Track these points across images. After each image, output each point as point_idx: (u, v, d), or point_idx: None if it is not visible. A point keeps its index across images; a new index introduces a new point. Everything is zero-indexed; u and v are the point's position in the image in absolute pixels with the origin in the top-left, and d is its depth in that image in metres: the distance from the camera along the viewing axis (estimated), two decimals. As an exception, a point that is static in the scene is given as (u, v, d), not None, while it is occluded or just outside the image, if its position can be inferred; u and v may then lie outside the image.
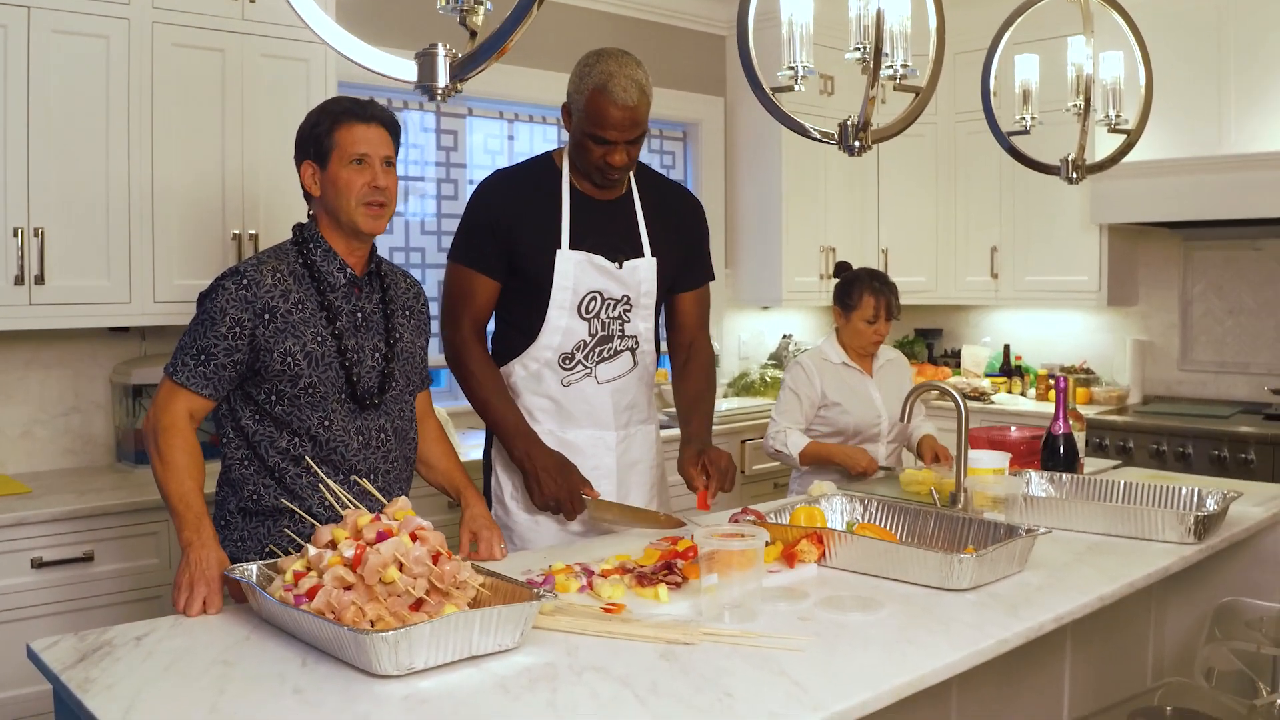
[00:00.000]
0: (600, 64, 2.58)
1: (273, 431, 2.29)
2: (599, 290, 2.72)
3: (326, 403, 2.29)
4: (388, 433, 2.39)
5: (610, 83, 2.55)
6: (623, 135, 2.59)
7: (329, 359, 2.29)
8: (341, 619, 1.76)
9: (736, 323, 5.78)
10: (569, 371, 2.74)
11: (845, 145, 2.22)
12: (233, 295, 2.23)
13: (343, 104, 2.32)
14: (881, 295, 3.63)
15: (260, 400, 2.28)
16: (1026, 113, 2.93)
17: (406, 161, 4.52)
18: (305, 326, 2.27)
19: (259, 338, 2.23)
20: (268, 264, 2.29)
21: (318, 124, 2.30)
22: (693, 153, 5.61)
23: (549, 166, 2.78)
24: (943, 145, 5.74)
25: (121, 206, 3.36)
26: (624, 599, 2.06)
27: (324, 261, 2.33)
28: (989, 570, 2.12)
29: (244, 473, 2.32)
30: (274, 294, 2.25)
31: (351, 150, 2.27)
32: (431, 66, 1.59)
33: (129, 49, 3.34)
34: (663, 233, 2.82)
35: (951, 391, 2.70)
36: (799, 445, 3.54)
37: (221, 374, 2.23)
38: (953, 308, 6.09)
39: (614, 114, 2.56)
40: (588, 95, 2.58)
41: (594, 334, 2.73)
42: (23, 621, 2.95)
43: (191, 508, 2.14)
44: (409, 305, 2.48)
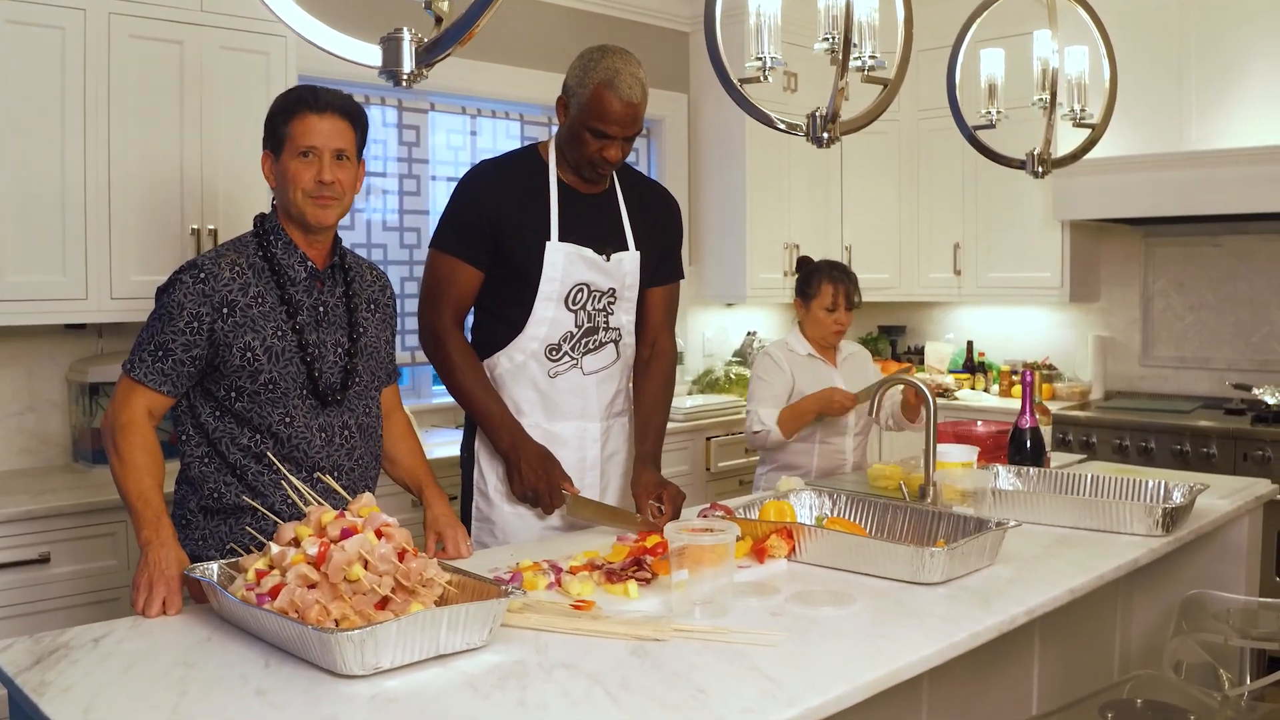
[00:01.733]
0: (606, 59, 2.60)
1: (233, 428, 2.25)
2: (586, 282, 2.72)
3: (288, 399, 2.25)
4: (352, 429, 2.35)
5: (616, 79, 2.57)
6: (623, 131, 2.61)
7: (290, 354, 2.25)
8: (305, 618, 1.72)
9: (701, 320, 5.77)
10: (555, 363, 2.73)
11: (814, 137, 2.21)
12: (190, 289, 2.18)
13: (300, 92, 2.28)
14: (840, 283, 3.62)
15: (220, 397, 2.24)
16: (992, 107, 2.93)
17: (369, 157, 4.46)
18: (265, 321, 2.23)
19: (218, 332, 2.19)
20: (226, 257, 2.24)
21: (277, 114, 2.26)
22: (657, 149, 5.59)
23: (535, 159, 2.78)
24: (906, 142, 5.76)
25: (77, 201, 3.29)
26: (593, 596, 2.04)
27: (284, 254, 2.29)
28: (960, 564, 2.12)
29: (204, 470, 2.27)
30: (232, 287, 2.21)
31: (301, 142, 2.22)
32: (397, 51, 1.56)
33: (85, 41, 3.27)
34: (644, 227, 2.84)
35: (919, 386, 2.70)
36: (773, 417, 3.51)
37: (180, 370, 2.19)
38: (916, 304, 6.11)
39: (618, 109, 2.58)
40: (592, 89, 2.58)
41: (580, 325, 2.73)
42: None
43: (150, 506, 2.10)
44: (374, 298, 2.44)
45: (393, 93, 4.50)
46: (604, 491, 2.85)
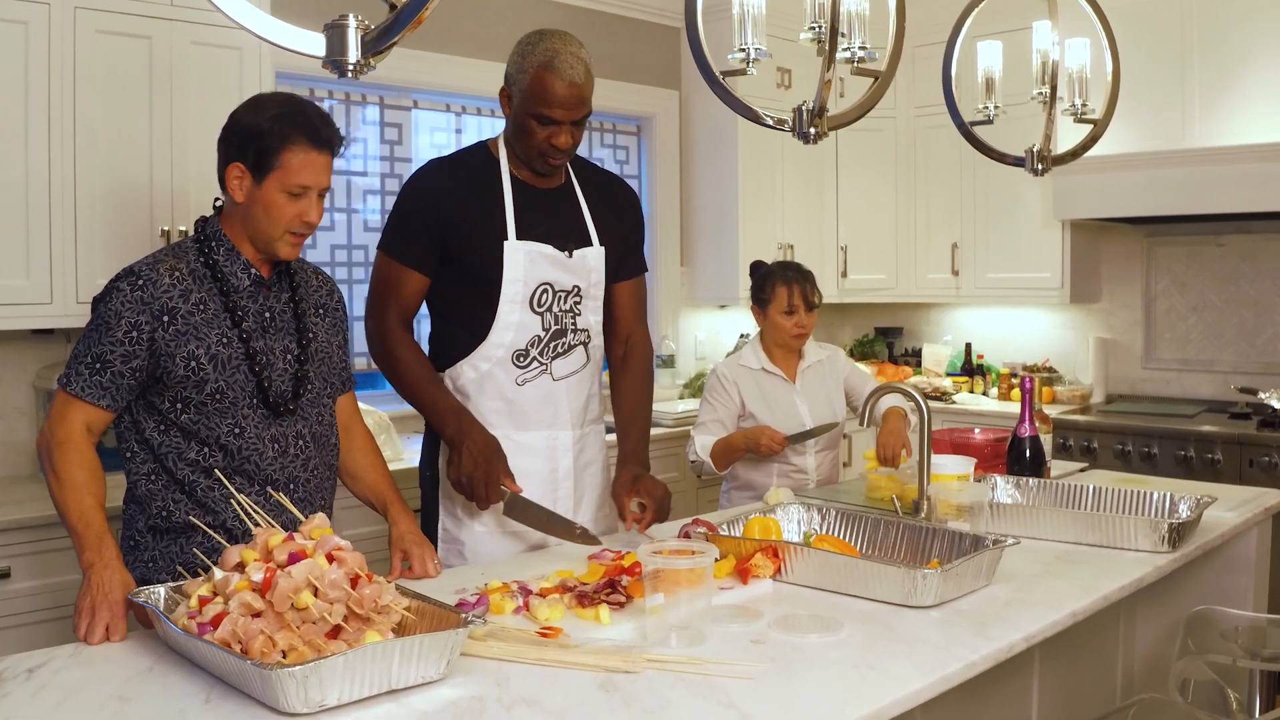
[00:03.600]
0: (543, 42, 2.50)
1: (180, 442, 2.12)
2: (550, 282, 2.59)
3: (236, 409, 2.13)
4: (306, 439, 2.23)
5: (556, 59, 2.47)
6: (568, 114, 2.49)
7: (236, 362, 2.12)
8: (249, 650, 1.61)
9: (692, 322, 5.65)
10: (524, 369, 2.59)
11: (800, 132, 2.09)
12: (128, 297, 2.06)
13: (299, 119, 2.10)
14: (794, 283, 3.36)
15: (165, 409, 2.11)
16: (990, 102, 2.81)
17: (349, 155, 4.35)
18: (208, 328, 2.11)
19: (158, 342, 2.06)
20: (165, 262, 2.12)
21: (267, 133, 2.08)
22: (647, 147, 5.47)
23: (486, 156, 2.65)
24: (902, 139, 5.63)
25: (42, 202, 3.17)
26: (562, 621, 1.92)
27: (227, 261, 2.16)
28: (955, 586, 2.00)
29: (151, 488, 2.14)
30: (172, 294, 2.08)
31: (295, 179, 2.09)
32: (341, 40, 1.43)
33: (49, 36, 3.14)
34: (605, 221, 2.72)
35: (914, 394, 2.58)
36: (707, 447, 3.28)
37: (120, 382, 2.07)
38: (913, 306, 5.98)
39: (560, 91, 2.46)
40: (532, 74, 2.47)
41: (548, 328, 2.60)
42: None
43: (92, 526, 1.98)
44: (322, 303, 2.32)
45: (374, 89, 4.38)
46: (578, 504, 2.70)
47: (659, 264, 5.49)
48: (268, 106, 2.13)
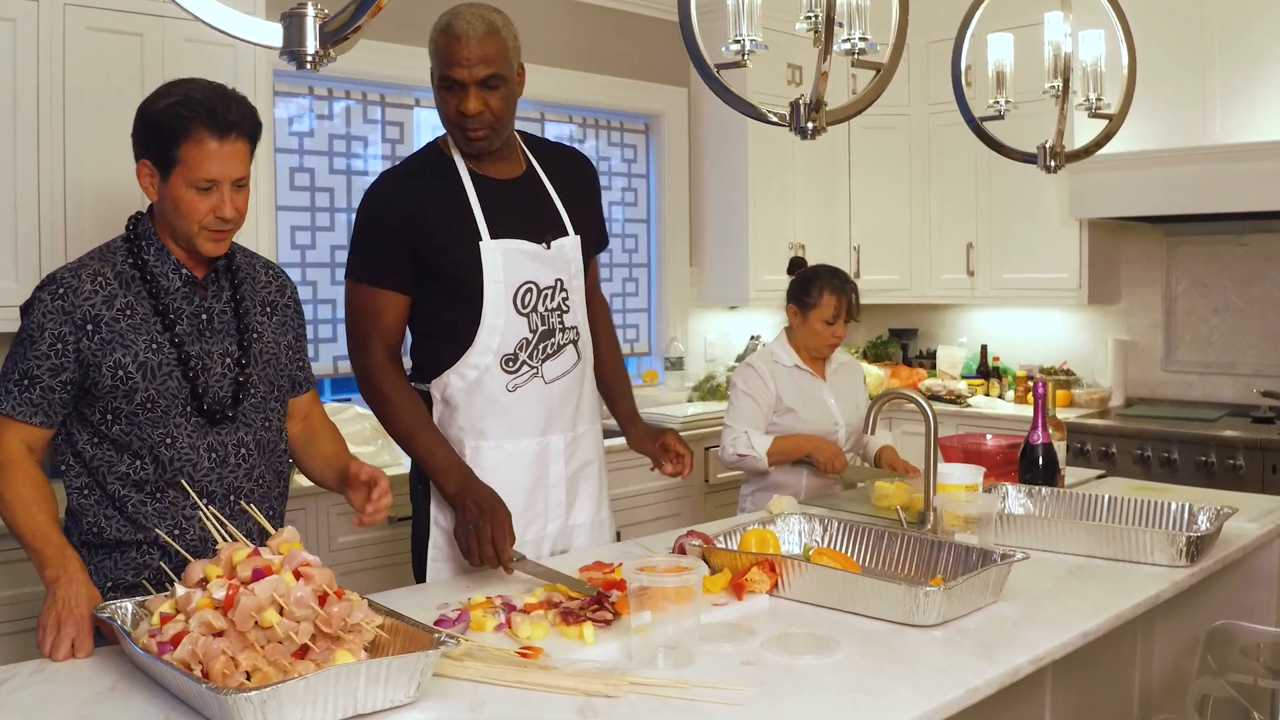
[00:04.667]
0: (450, 10, 2.36)
1: (112, 455, 2.02)
2: (532, 280, 2.45)
3: (169, 418, 2.02)
4: (249, 447, 2.12)
5: (454, 19, 2.32)
6: (470, 74, 2.30)
7: (168, 368, 2.01)
8: (209, 671, 1.52)
9: (702, 323, 5.56)
10: (514, 374, 2.45)
11: (797, 127, 1.99)
12: (49, 308, 1.95)
13: (195, 105, 1.94)
14: (843, 294, 3.38)
15: (96, 421, 2.01)
16: (1001, 97, 2.71)
17: (349, 155, 4.27)
18: (135, 334, 1.99)
19: (84, 352, 1.96)
20: (89, 267, 2.00)
21: (161, 126, 1.94)
22: (655, 146, 5.38)
23: (439, 155, 2.49)
24: (916, 137, 5.52)
25: (31, 203, 3.10)
26: (545, 639, 1.83)
27: (157, 261, 2.04)
28: (959, 603, 1.90)
29: (83, 502, 2.04)
30: (95, 301, 1.97)
31: (199, 173, 1.94)
32: (299, 30, 1.35)
33: (38, 33, 3.08)
34: (574, 205, 2.58)
35: (919, 401, 2.48)
36: (764, 444, 3.29)
37: (51, 398, 1.97)
38: (928, 307, 5.87)
39: (457, 49, 2.30)
40: (434, 40, 2.35)
41: (535, 329, 2.46)
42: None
43: (50, 542, 1.90)
44: (270, 300, 2.20)
45: (376, 88, 4.30)
46: (571, 506, 2.59)
47: (667, 264, 5.41)
48: (164, 95, 1.97)
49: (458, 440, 2.46)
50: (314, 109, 4.16)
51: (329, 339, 4.25)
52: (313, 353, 4.16)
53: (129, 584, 2.03)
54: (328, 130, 4.20)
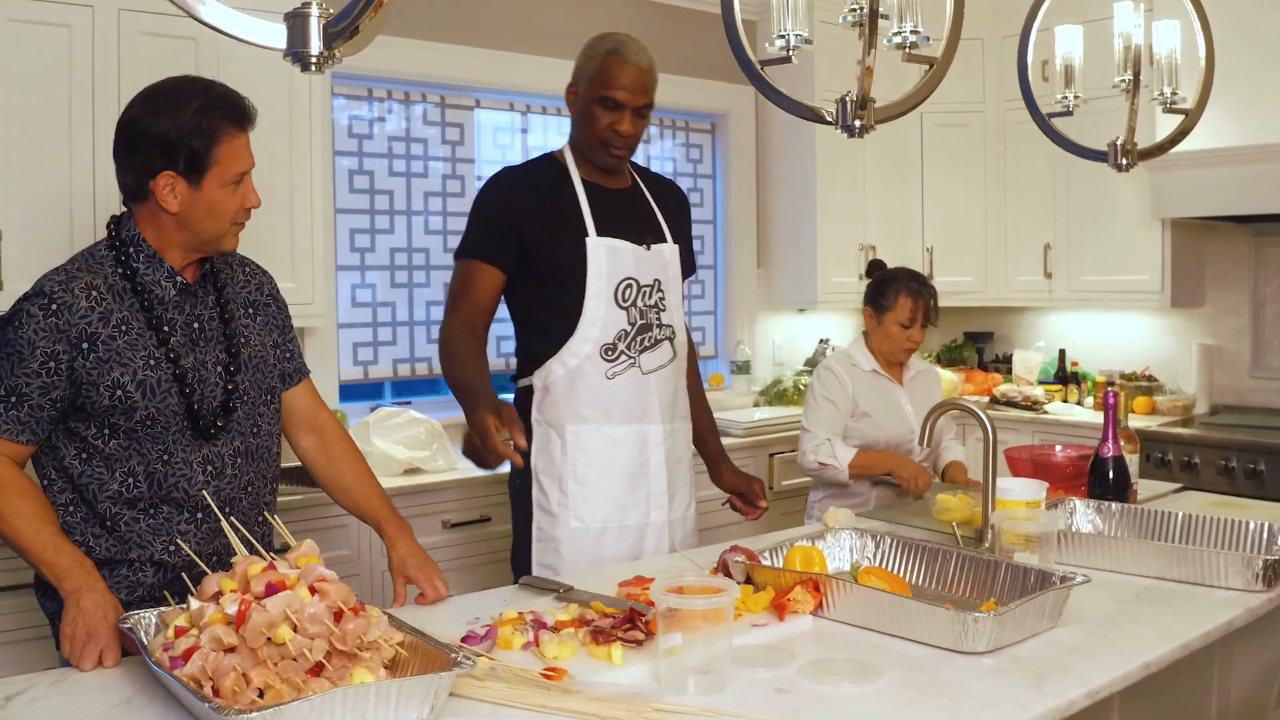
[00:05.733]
0: (610, 36, 2.64)
1: (102, 472, 1.96)
2: (633, 277, 2.63)
3: (167, 434, 1.97)
4: (243, 456, 2.07)
5: (623, 47, 2.59)
6: (632, 98, 2.58)
7: (166, 384, 1.96)
8: (219, 688, 1.48)
9: (770, 326, 5.45)
10: (612, 363, 2.61)
11: (844, 125, 1.90)
12: (41, 324, 1.88)
13: (222, 106, 1.94)
14: (921, 297, 3.30)
15: (89, 437, 1.95)
16: (1070, 92, 2.58)
17: (408, 157, 4.25)
18: (133, 351, 1.94)
19: (78, 370, 1.90)
20: (79, 280, 1.93)
21: (196, 131, 1.90)
22: (721, 145, 5.29)
23: (555, 163, 2.72)
24: (991, 134, 5.35)
25: (86, 206, 3.12)
26: (573, 659, 1.76)
27: (148, 269, 1.98)
28: (1012, 630, 1.79)
29: (69, 520, 1.97)
30: (91, 318, 1.91)
31: (233, 169, 1.94)
32: (303, 30, 1.29)
33: (93, 38, 3.10)
34: (671, 221, 2.79)
35: (976, 411, 2.36)
36: (848, 456, 3.20)
37: (39, 415, 1.91)
38: (1004, 310, 5.69)
39: (626, 73, 2.57)
40: (599, 60, 2.58)
41: (633, 322, 2.63)
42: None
43: (64, 552, 1.85)
44: (251, 300, 2.15)
45: (435, 89, 4.28)
46: (671, 500, 2.71)
47: (734, 266, 5.32)
48: (180, 102, 1.94)
49: (559, 425, 2.61)
50: (373, 111, 4.15)
51: (388, 342, 4.23)
52: (371, 356, 4.16)
53: (123, 603, 1.92)
54: (387, 132, 4.18)
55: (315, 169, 3.57)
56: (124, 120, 1.98)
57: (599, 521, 2.62)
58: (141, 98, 1.99)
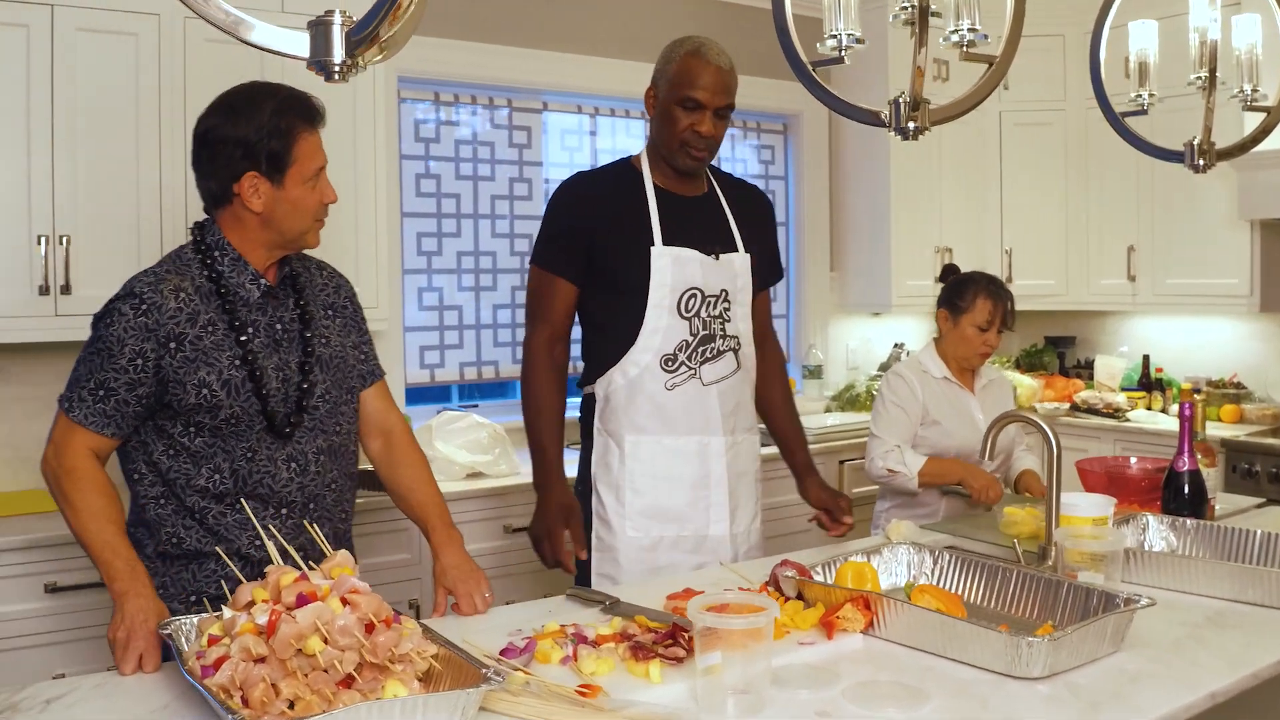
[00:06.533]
0: (691, 38, 2.62)
1: (190, 468, 2.01)
2: (698, 287, 2.61)
3: (251, 431, 2.02)
4: (325, 454, 2.11)
5: (703, 48, 2.58)
6: (713, 99, 2.56)
7: (249, 384, 2.01)
8: (248, 699, 1.47)
9: (843, 330, 5.36)
10: (672, 374, 2.60)
11: (898, 128, 1.83)
12: (131, 323, 1.95)
13: (296, 106, 2.01)
14: (999, 300, 3.20)
15: (176, 434, 2.01)
16: (1144, 90, 2.47)
17: (475, 160, 4.25)
18: (219, 352, 1.99)
19: (165, 369, 1.95)
20: (169, 281, 1.99)
21: (275, 132, 1.98)
22: (794, 146, 5.21)
23: (629, 169, 2.71)
24: (1073, 133, 5.19)
25: (153, 212, 3.17)
26: (611, 675, 1.72)
27: (232, 272, 2.04)
28: (1070, 655, 1.70)
29: (160, 513, 2.03)
30: (179, 318, 1.97)
31: (311, 165, 2.03)
32: (325, 38, 1.27)
33: (159, 47, 3.16)
34: (749, 230, 2.75)
35: (1040, 424, 2.27)
36: (917, 464, 3.10)
37: (124, 410, 1.97)
38: (1086, 314, 5.52)
39: (707, 73, 2.55)
40: (679, 60, 2.58)
41: (695, 333, 2.61)
42: (35, 649, 2.79)
43: (120, 555, 1.89)
44: (330, 303, 2.20)
45: (502, 92, 4.27)
46: (733, 514, 2.69)
47: (807, 269, 5.24)
48: (256, 105, 2.00)
49: (618, 434, 2.61)
50: (440, 114, 4.16)
51: (455, 345, 4.24)
52: (438, 359, 4.17)
53: (213, 596, 2.02)
54: (454, 136, 4.19)
55: (381, 172, 3.58)
56: (201, 130, 2.04)
57: (656, 532, 2.62)
58: (216, 106, 2.05)
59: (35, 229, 3.01)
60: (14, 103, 2.96)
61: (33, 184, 3.00)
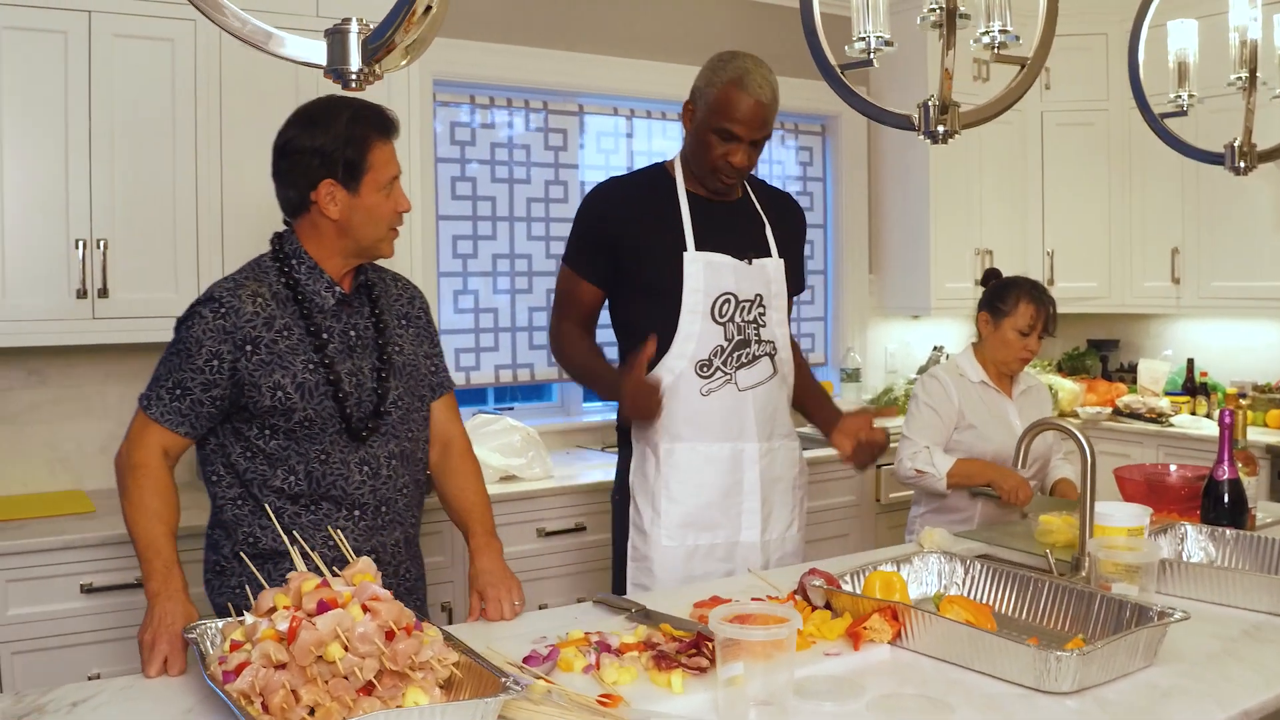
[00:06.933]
0: (736, 60, 2.55)
1: (265, 469, 2.07)
2: (731, 292, 2.59)
3: (325, 435, 2.07)
4: (397, 458, 2.16)
5: (747, 77, 2.51)
6: (750, 132, 2.52)
7: (323, 388, 2.05)
8: (269, 705, 1.47)
9: (882, 333, 5.32)
10: (707, 379, 2.58)
11: (927, 131, 1.81)
12: (210, 325, 2.01)
13: (370, 117, 2.08)
14: (1042, 305, 3.17)
15: (251, 436, 2.07)
16: (1183, 90, 2.42)
17: (510, 163, 4.25)
18: (293, 355, 2.04)
19: (241, 372, 2.01)
20: (247, 287, 2.06)
21: (349, 141, 2.04)
22: (832, 147, 5.17)
23: (663, 174, 2.70)
24: (1116, 133, 5.10)
25: (189, 216, 3.20)
26: (633, 685, 1.71)
27: (309, 280, 2.10)
28: (1100, 669, 1.67)
29: (238, 513, 2.10)
30: (256, 322, 2.03)
31: (385, 174, 2.08)
32: (342, 47, 1.28)
33: (195, 52, 3.18)
34: (782, 237, 2.73)
35: (1074, 432, 2.23)
36: (946, 464, 3.08)
37: (199, 410, 2.03)
38: (1129, 316, 5.44)
39: (747, 107, 2.50)
40: (720, 87, 2.52)
41: (730, 338, 2.60)
42: (71, 649, 2.82)
43: (160, 555, 1.95)
44: (404, 313, 2.25)
45: (538, 94, 4.27)
46: (767, 519, 2.66)
47: (845, 271, 5.20)
48: (332, 116, 2.07)
49: (654, 442, 2.60)
50: (475, 117, 4.16)
51: (490, 348, 4.25)
52: (474, 361, 4.18)
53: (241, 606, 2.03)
54: (490, 139, 4.20)
55: (415, 175, 3.58)
56: (280, 142, 2.11)
57: (690, 541, 2.61)
58: (294, 118, 2.12)
59: (73, 233, 3.05)
60: (52, 108, 3.00)
61: (70, 188, 3.03)
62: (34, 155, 3.00)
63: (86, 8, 3.02)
